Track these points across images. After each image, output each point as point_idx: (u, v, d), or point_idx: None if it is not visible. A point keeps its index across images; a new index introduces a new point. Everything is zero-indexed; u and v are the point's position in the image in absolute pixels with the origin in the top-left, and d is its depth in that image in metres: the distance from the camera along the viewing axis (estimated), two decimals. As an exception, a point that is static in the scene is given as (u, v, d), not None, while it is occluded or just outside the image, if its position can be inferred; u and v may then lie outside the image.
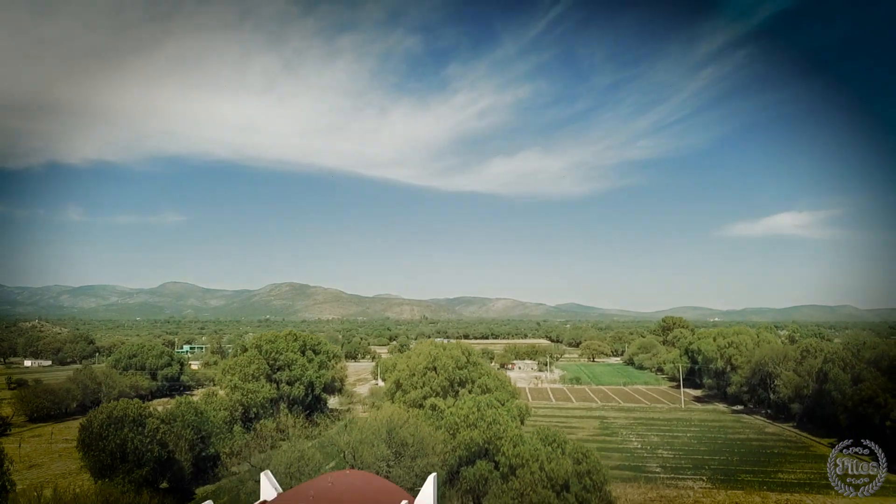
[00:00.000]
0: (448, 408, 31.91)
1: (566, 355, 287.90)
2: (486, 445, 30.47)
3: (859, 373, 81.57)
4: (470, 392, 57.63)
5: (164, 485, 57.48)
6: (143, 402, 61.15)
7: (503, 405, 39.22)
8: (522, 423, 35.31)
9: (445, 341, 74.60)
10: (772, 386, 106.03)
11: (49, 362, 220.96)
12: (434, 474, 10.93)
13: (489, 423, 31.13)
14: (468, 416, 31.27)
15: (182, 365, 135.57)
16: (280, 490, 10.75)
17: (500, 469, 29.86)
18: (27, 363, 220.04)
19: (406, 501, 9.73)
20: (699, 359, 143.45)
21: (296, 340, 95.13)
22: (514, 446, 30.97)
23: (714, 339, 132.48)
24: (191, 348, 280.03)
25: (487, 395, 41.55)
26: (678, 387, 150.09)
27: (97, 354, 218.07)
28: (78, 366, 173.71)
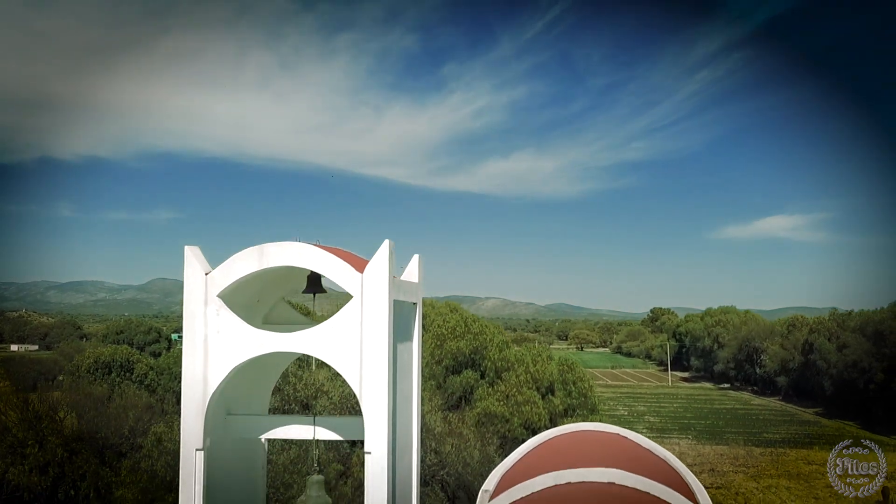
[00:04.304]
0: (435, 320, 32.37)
1: (553, 346, 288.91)
2: (472, 356, 30.98)
3: (844, 341, 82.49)
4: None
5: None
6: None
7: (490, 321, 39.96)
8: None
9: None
10: (758, 361, 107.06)
11: (36, 346, 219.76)
12: (389, 241, 10.05)
13: (475, 334, 31.65)
14: (455, 329, 31.72)
15: (170, 342, 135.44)
16: (208, 268, 10.16)
17: (487, 377, 30.34)
18: (13, 348, 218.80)
19: None
20: (687, 340, 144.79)
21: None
22: (500, 351, 31.52)
23: (702, 319, 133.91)
24: (179, 336, 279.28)
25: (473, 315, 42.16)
26: (666, 370, 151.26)
27: (84, 340, 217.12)
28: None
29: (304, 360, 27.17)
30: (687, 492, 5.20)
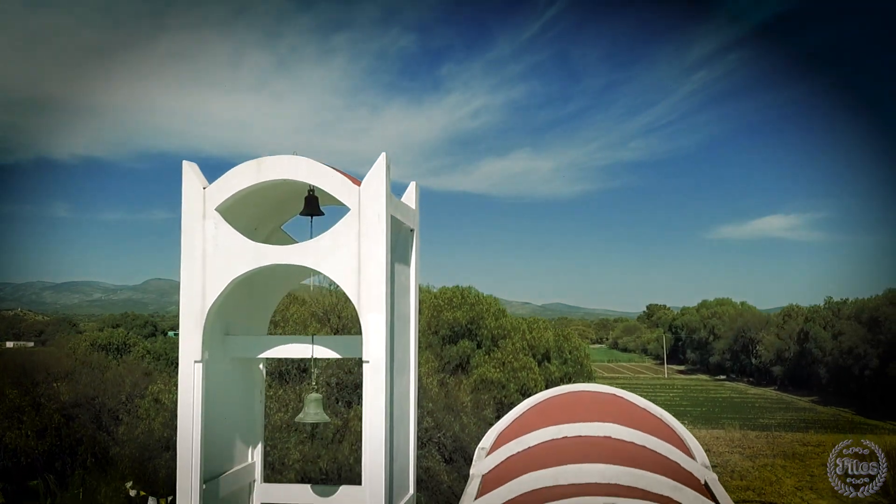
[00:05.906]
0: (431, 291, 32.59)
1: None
2: (468, 325, 31.15)
3: (840, 329, 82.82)
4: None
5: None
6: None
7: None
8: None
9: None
10: (754, 351, 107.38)
11: (31, 343, 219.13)
12: (385, 153, 9.93)
13: (472, 304, 31.83)
14: (452, 300, 31.87)
15: (166, 335, 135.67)
16: (205, 183, 10.18)
17: (484, 346, 30.52)
18: (9, 345, 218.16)
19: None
20: (682, 333, 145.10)
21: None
22: (497, 319, 31.74)
23: (697, 311, 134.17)
24: (175, 334, 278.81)
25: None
26: (662, 364, 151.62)
27: (81, 335, 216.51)
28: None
29: (300, 325, 27.12)
30: (683, 447, 5.30)
